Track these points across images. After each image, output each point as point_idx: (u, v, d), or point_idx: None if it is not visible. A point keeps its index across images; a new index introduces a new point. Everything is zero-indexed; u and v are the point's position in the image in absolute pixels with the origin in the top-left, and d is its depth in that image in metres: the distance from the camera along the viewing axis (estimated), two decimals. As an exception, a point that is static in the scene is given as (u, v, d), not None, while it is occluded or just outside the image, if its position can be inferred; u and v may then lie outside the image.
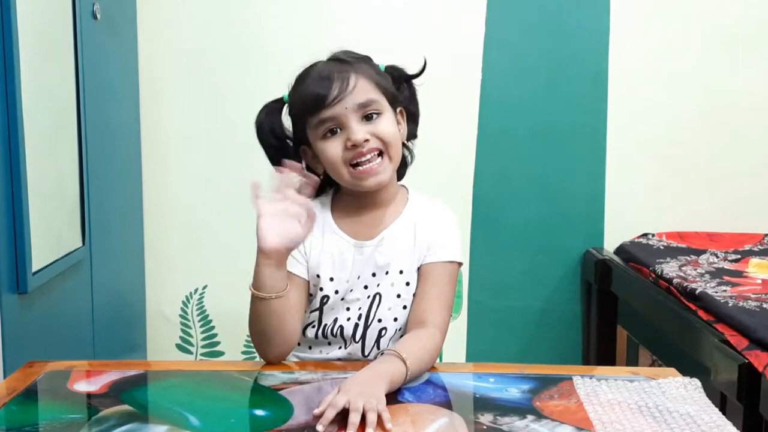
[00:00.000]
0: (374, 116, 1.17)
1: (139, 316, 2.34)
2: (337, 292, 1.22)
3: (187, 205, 2.37)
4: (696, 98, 2.38)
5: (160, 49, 2.30)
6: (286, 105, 1.24)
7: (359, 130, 1.15)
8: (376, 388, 0.97)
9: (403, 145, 1.26)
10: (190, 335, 2.42)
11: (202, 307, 2.40)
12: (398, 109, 1.24)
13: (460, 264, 1.24)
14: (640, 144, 2.39)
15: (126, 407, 0.99)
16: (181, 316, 2.41)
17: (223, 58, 2.31)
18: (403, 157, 1.27)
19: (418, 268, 1.22)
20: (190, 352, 2.43)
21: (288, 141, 1.24)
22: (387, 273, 1.21)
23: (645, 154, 2.39)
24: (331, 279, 1.22)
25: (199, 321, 2.41)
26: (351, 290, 1.22)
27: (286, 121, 1.25)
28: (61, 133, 1.63)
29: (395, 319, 1.22)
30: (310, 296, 1.24)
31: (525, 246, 2.41)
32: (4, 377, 1.27)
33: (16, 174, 1.38)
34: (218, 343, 2.42)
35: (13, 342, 1.35)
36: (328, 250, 1.22)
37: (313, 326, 1.24)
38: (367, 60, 1.22)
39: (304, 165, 1.24)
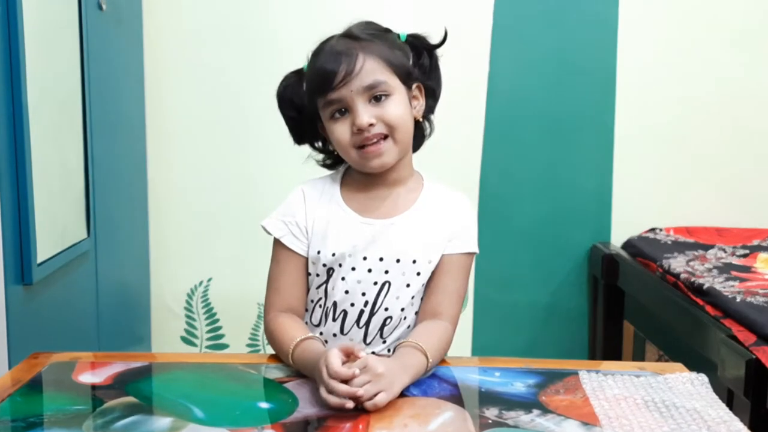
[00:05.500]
0: (382, 98, 1.15)
1: (144, 308, 2.35)
2: (341, 265, 1.20)
3: (192, 197, 2.36)
4: (705, 92, 2.36)
5: (165, 39, 2.30)
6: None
7: (365, 114, 1.14)
8: (397, 385, 0.99)
9: (424, 118, 1.25)
10: (194, 328, 2.42)
11: (207, 299, 2.40)
12: (415, 85, 1.22)
13: (475, 254, 1.24)
14: (648, 138, 2.37)
15: (130, 399, 0.99)
16: (185, 308, 2.41)
17: (229, 48, 2.30)
18: (422, 130, 1.26)
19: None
20: (194, 345, 2.43)
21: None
22: (398, 261, 1.19)
23: (653, 148, 2.38)
24: (333, 254, 1.20)
25: (204, 313, 2.41)
26: (353, 268, 1.19)
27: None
28: (67, 124, 1.63)
29: (402, 309, 1.21)
30: (311, 275, 1.22)
31: (532, 240, 2.40)
32: (9, 368, 1.27)
33: (21, 165, 1.38)
34: (223, 335, 2.42)
35: (17, 333, 1.35)
36: (333, 224, 1.21)
37: (320, 305, 1.22)
38: (381, 36, 1.20)
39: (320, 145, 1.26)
